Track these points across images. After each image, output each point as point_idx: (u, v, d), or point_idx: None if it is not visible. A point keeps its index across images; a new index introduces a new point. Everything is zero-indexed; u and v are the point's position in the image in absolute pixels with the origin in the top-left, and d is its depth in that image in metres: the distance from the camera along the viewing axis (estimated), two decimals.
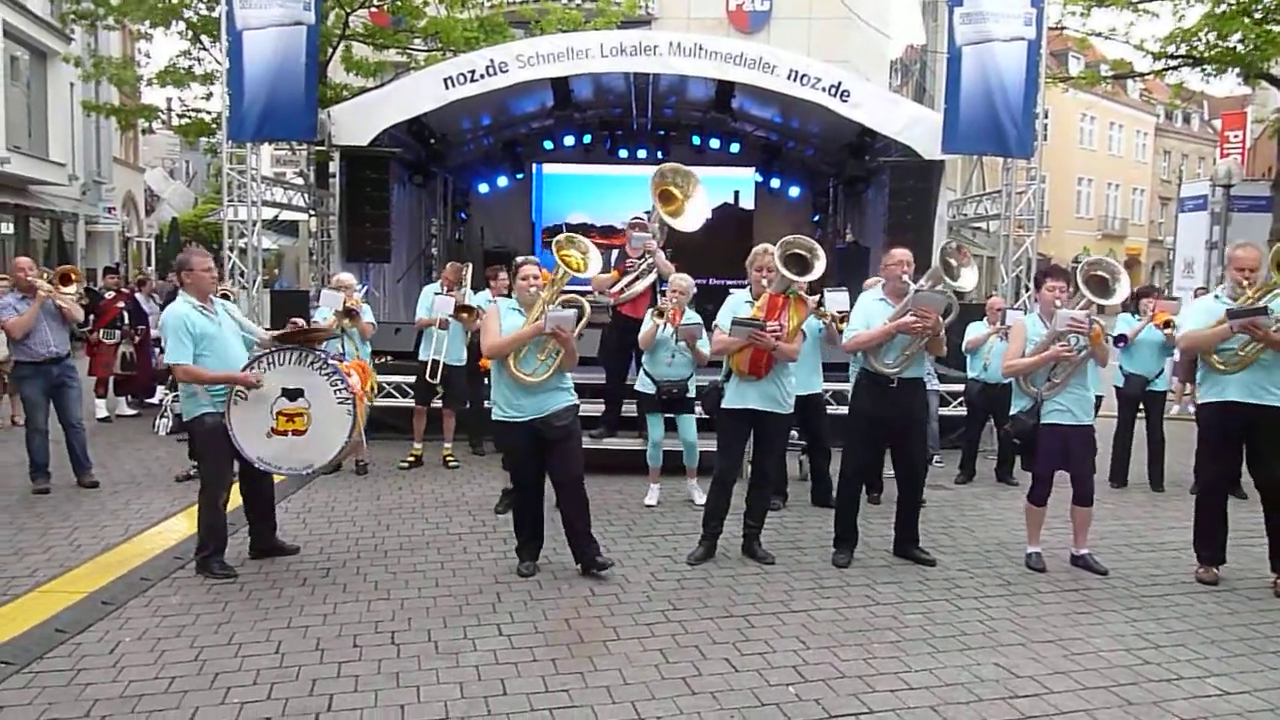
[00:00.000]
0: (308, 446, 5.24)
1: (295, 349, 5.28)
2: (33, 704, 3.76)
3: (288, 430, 5.20)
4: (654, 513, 6.88)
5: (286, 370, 5.23)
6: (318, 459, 5.30)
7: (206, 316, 5.21)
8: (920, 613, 4.91)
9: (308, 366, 5.24)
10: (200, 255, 5.38)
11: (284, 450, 5.23)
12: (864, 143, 12.14)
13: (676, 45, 10.56)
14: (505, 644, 4.41)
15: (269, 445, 5.21)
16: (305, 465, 5.32)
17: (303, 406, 5.21)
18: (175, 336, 5.09)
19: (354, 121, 10.85)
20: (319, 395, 5.22)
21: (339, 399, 5.25)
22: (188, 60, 16.27)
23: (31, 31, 21.92)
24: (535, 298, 5.24)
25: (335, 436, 5.26)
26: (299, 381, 5.22)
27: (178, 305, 5.22)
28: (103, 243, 27.97)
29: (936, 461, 8.58)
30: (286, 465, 5.29)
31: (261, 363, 5.23)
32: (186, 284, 5.30)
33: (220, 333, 5.24)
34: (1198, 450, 5.71)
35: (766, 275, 5.62)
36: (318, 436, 5.23)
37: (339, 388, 5.25)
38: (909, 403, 5.70)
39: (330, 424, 5.24)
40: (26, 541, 5.90)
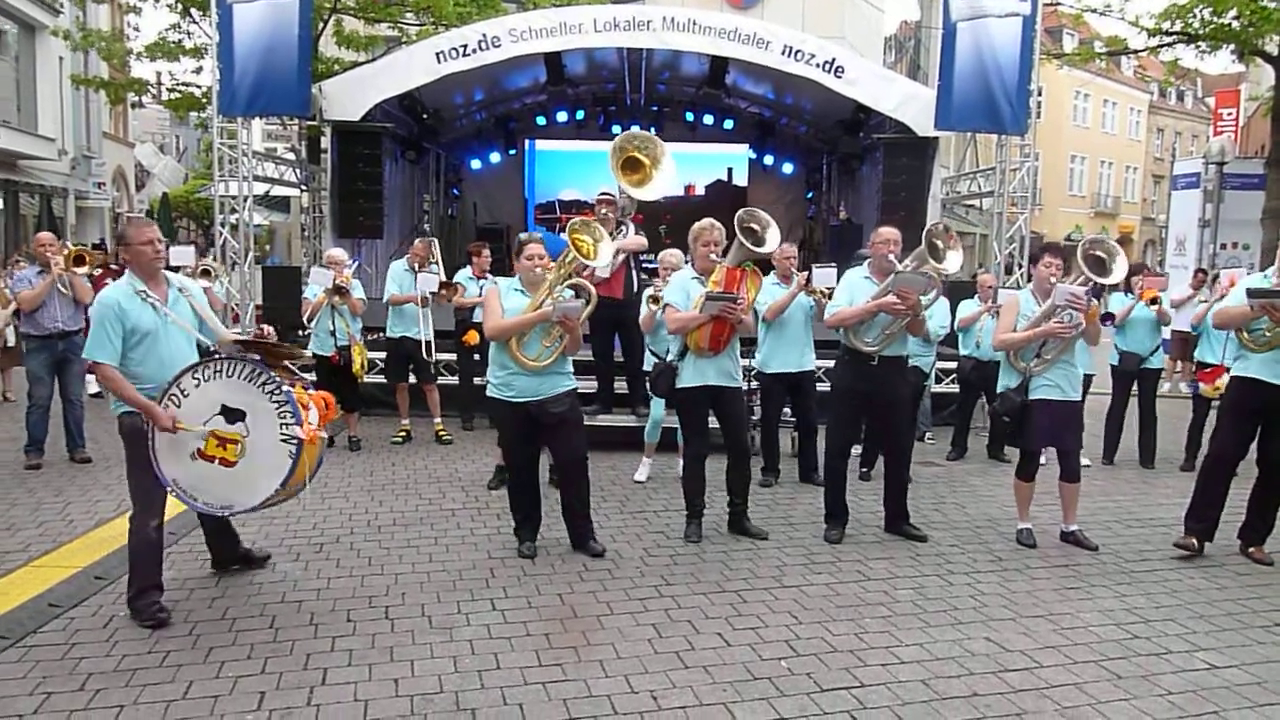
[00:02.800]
0: (232, 483, 4.24)
1: (252, 364, 4.28)
2: (27, 678, 3.77)
3: (216, 456, 4.21)
4: (646, 489, 6.90)
5: (232, 384, 4.24)
6: (241, 501, 4.29)
7: (150, 305, 4.29)
8: (912, 588, 4.94)
9: (258, 387, 4.24)
10: (139, 226, 4.40)
11: (205, 479, 4.24)
12: (858, 119, 12.12)
13: (670, 20, 10.50)
14: (499, 619, 4.42)
15: (190, 469, 4.23)
16: (224, 505, 4.31)
17: (239, 433, 4.21)
18: (101, 328, 4.17)
19: (345, 96, 10.78)
20: (261, 425, 4.23)
21: (282, 436, 4.23)
22: (177, 34, 16.14)
23: (19, 4, 21.66)
24: (539, 278, 5.19)
25: (266, 480, 4.24)
26: (245, 402, 4.23)
27: (110, 291, 4.28)
28: (93, 218, 27.78)
29: (929, 439, 8.64)
30: (202, 499, 4.28)
31: (208, 369, 4.26)
32: (127, 261, 4.42)
33: (162, 327, 4.32)
34: (1217, 420, 5.78)
35: (714, 250, 5.59)
36: (247, 474, 4.23)
37: (286, 422, 4.23)
38: (891, 380, 5.70)
39: (264, 463, 4.23)
40: (19, 516, 5.89)
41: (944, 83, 10.15)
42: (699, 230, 5.66)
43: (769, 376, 7.03)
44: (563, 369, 5.25)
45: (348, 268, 8.17)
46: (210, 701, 3.59)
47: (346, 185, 11.22)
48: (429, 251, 8.41)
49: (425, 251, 8.41)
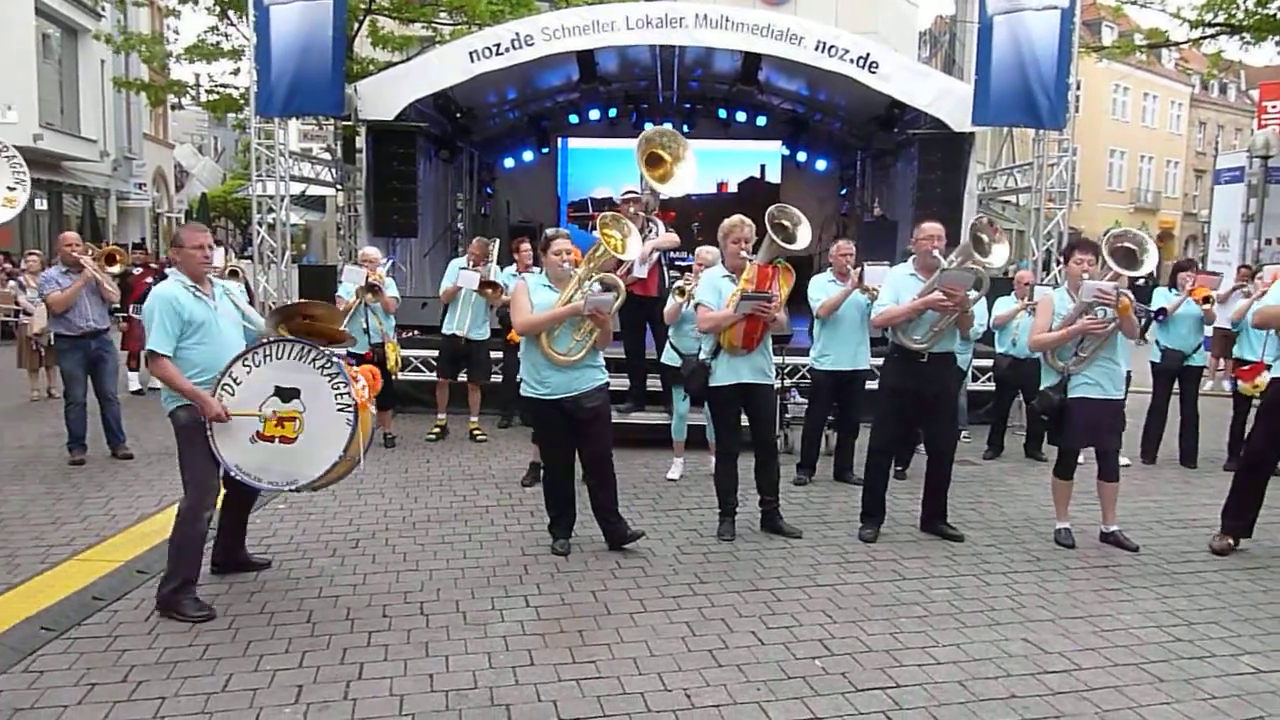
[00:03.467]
0: (296, 458, 4.42)
1: (298, 342, 4.47)
2: (72, 669, 3.85)
3: (275, 436, 4.39)
4: (679, 486, 6.89)
5: (284, 365, 4.41)
6: (304, 474, 4.44)
7: (201, 299, 4.47)
8: (947, 588, 4.90)
9: (309, 364, 4.42)
10: (193, 231, 4.64)
11: (268, 459, 4.41)
12: (893, 115, 11.99)
13: (703, 17, 10.45)
14: (532, 615, 4.44)
15: (251, 452, 4.40)
16: (289, 480, 4.46)
17: (296, 410, 4.39)
18: (160, 320, 4.31)
19: (380, 96, 10.85)
20: (316, 398, 4.41)
21: (338, 406, 4.42)
22: (215, 36, 16.35)
23: (62, 9, 22.09)
24: (567, 274, 5.20)
25: (327, 450, 4.42)
26: (296, 380, 4.40)
27: (166, 286, 4.44)
28: (134, 218, 28.29)
29: (964, 437, 8.53)
30: (268, 478, 4.45)
31: (258, 354, 4.43)
32: (177, 262, 4.56)
33: (214, 319, 4.49)
34: (1255, 420, 5.71)
35: (744, 247, 5.56)
36: (308, 447, 4.41)
37: (340, 392, 4.42)
38: (940, 377, 5.65)
39: (324, 434, 4.41)
40: (64, 511, 6.01)
41: (980, 77, 10.03)
42: (729, 227, 5.64)
43: (820, 373, 7.01)
44: (594, 363, 5.25)
45: (381, 266, 8.23)
46: (249, 694, 3.64)
47: (381, 184, 11.31)
48: (485, 251, 8.44)
49: (482, 251, 8.43)
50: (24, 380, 10.50)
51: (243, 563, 4.98)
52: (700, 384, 5.68)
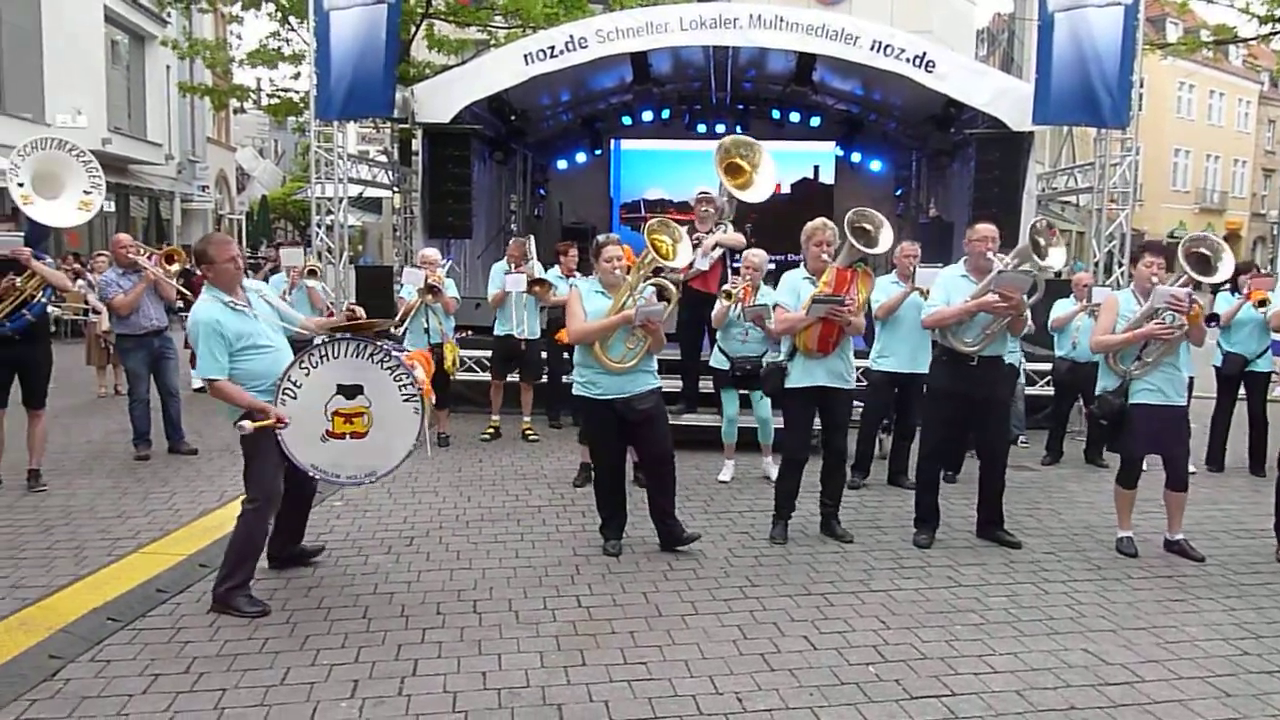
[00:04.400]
0: (369, 451, 4.55)
1: (352, 340, 4.55)
2: (136, 659, 3.95)
3: (345, 433, 4.51)
4: (730, 489, 6.87)
5: (343, 364, 4.50)
6: (381, 464, 4.60)
7: (239, 311, 4.44)
8: (1005, 595, 4.81)
9: (367, 359, 4.51)
10: (220, 245, 4.52)
11: (342, 455, 4.54)
12: (949, 115, 11.82)
13: (757, 18, 10.40)
14: (584, 615, 4.46)
15: (324, 450, 4.52)
16: (367, 472, 4.62)
17: (362, 405, 4.50)
18: (206, 346, 4.30)
19: (436, 99, 10.98)
20: (381, 392, 4.52)
21: (404, 395, 4.53)
22: (277, 41, 16.68)
23: (130, 16, 22.74)
24: (618, 280, 5.22)
25: (401, 439, 4.56)
26: (357, 377, 4.51)
27: (204, 307, 4.39)
28: (197, 220, 28.99)
29: (1022, 442, 8.39)
30: (345, 473, 4.61)
31: (314, 356, 4.50)
32: (210, 279, 4.47)
33: (256, 325, 4.49)
34: None
35: (826, 250, 5.51)
36: (380, 439, 4.54)
37: (404, 382, 4.53)
38: (990, 380, 5.55)
39: (395, 424, 4.54)
40: (129, 505, 6.18)
41: (1041, 75, 9.83)
42: (811, 230, 5.60)
43: (878, 373, 6.94)
44: (647, 368, 5.26)
45: (440, 267, 8.33)
46: (306, 688, 3.71)
47: (436, 186, 11.44)
48: (523, 251, 8.51)
49: (520, 251, 8.51)
50: (92, 377, 10.83)
51: (297, 556, 5.07)
52: (776, 385, 5.65)
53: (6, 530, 5.58)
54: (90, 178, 6.74)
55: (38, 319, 6.44)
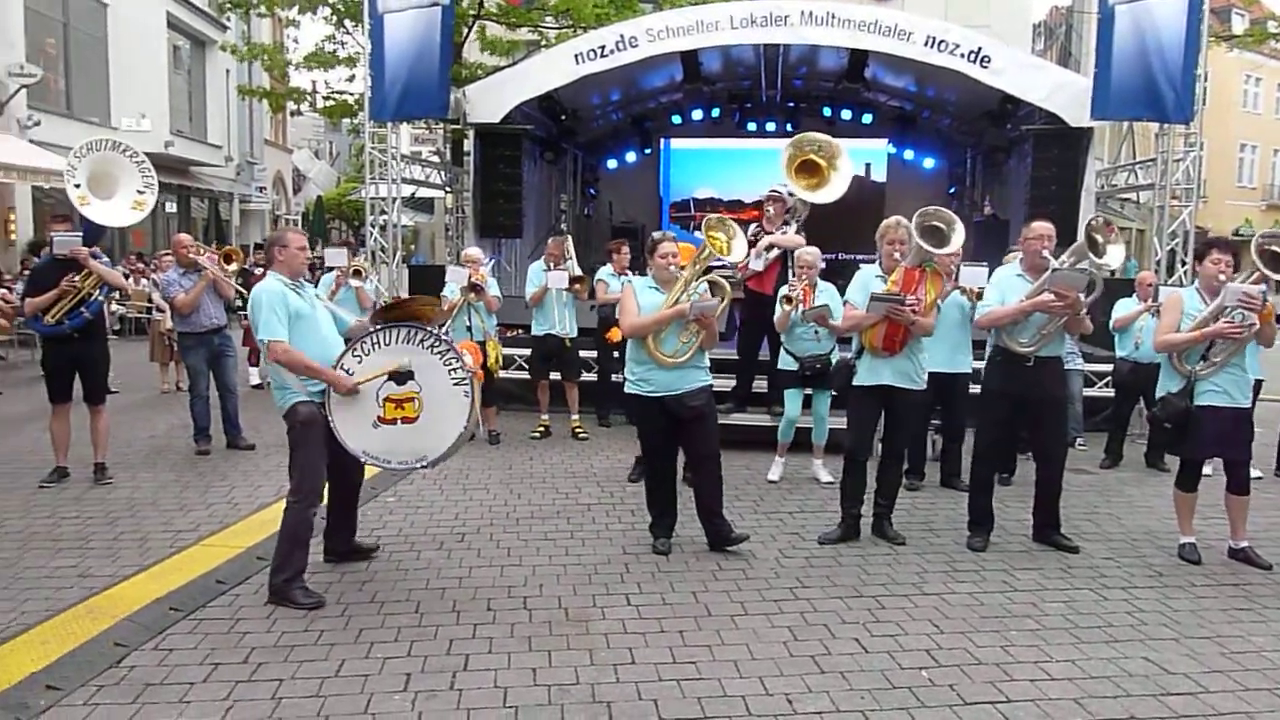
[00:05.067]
0: (421, 435, 4.55)
1: (403, 326, 4.59)
2: (197, 648, 4.05)
3: (397, 418, 4.52)
4: (780, 489, 6.83)
5: (394, 350, 4.53)
6: (432, 449, 4.59)
7: (300, 295, 4.62)
8: (1062, 601, 4.71)
9: (418, 345, 4.53)
10: (296, 233, 4.86)
11: (393, 441, 4.55)
12: (1005, 110, 11.60)
13: (808, 14, 10.33)
14: (633, 614, 4.46)
15: (376, 436, 4.54)
16: (418, 457, 4.62)
17: (413, 390, 4.52)
18: (270, 311, 4.42)
19: (488, 99, 11.08)
20: (431, 377, 4.53)
21: (454, 380, 4.54)
22: (332, 44, 16.96)
23: (192, 21, 23.30)
24: (673, 276, 5.23)
25: (452, 423, 4.55)
26: (409, 362, 4.55)
27: (268, 283, 4.56)
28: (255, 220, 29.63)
29: (1080, 444, 8.21)
30: (397, 458, 4.62)
31: (365, 343, 4.54)
32: (280, 261, 4.67)
33: (314, 314, 4.64)
34: None
35: (899, 249, 5.46)
36: (432, 423, 4.54)
37: (454, 366, 4.54)
38: (1046, 381, 5.42)
39: (445, 409, 4.54)
40: (190, 498, 6.33)
41: (1100, 70, 9.62)
42: (884, 228, 5.57)
43: None
44: (699, 364, 5.26)
45: (483, 266, 8.40)
46: (361, 680, 3.76)
47: (487, 186, 11.55)
48: (562, 250, 8.56)
49: (559, 250, 8.56)
50: (155, 373, 11.11)
51: (353, 551, 5.15)
52: (843, 382, 5.64)
53: (75, 521, 5.76)
54: (143, 177, 6.91)
55: (95, 317, 6.62)
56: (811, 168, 7.25)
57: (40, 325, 6.53)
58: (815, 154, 6.98)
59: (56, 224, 6.97)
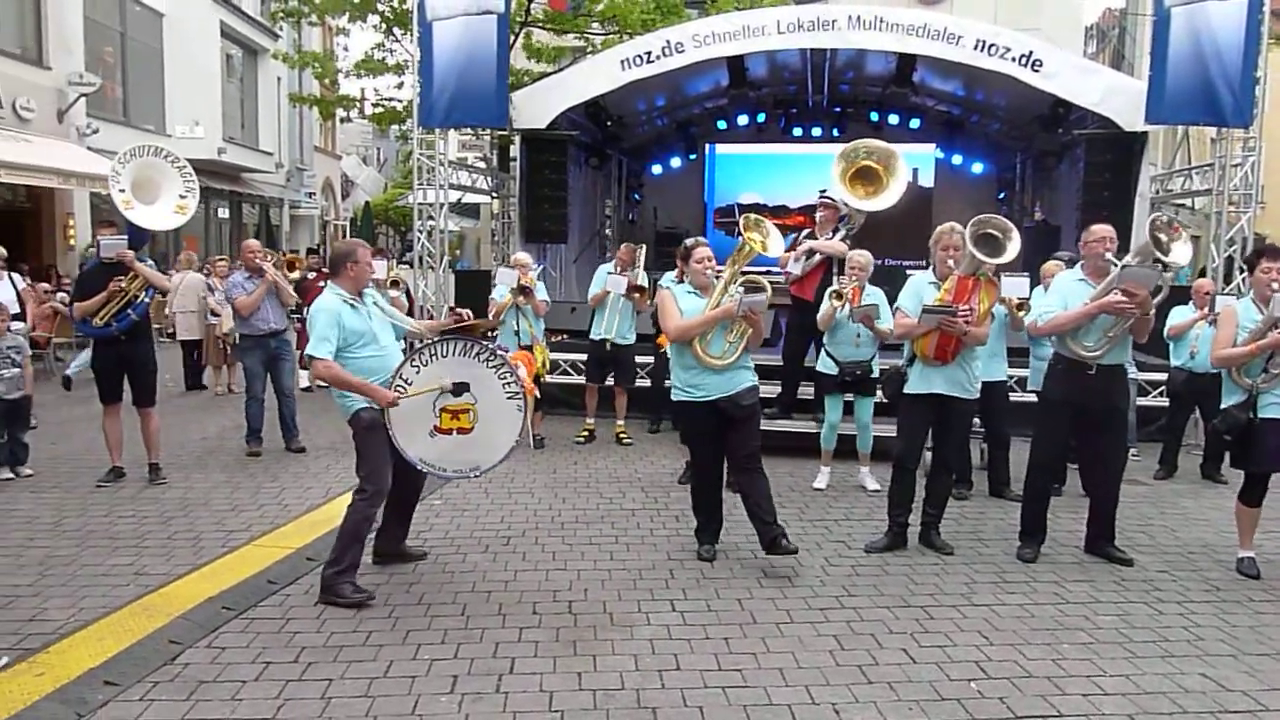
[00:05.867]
0: (475, 446, 4.72)
1: (459, 340, 4.73)
2: (249, 647, 4.12)
3: (453, 429, 4.67)
4: (825, 496, 6.78)
5: (451, 362, 4.67)
6: (485, 460, 4.77)
7: (356, 311, 4.71)
8: (1115, 614, 4.62)
9: (473, 358, 4.68)
10: (365, 247, 4.96)
11: (448, 450, 4.72)
12: (1057, 115, 11.42)
13: (856, 19, 10.26)
14: (678, 620, 4.46)
15: (432, 445, 4.70)
16: (471, 467, 4.80)
17: (469, 402, 4.66)
18: (323, 327, 4.55)
19: (534, 106, 11.15)
20: (486, 389, 4.67)
21: (508, 393, 4.68)
22: (381, 51, 17.19)
23: (245, 30, 23.76)
24: (710, 280, 5.23)
25: (504, 435, 4.72)
26: (464, 374, 4.67)
27: (329, 299, 4.67)
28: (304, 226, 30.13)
29: (1133, 455, 8.02)
30: (452, 467, 4.78)
31: (424, 355, 4.68)
32: (348, 276, 4.75)
33: (371, 325, 4.74)
34: None
35: (953, 255, 5.39)
36: (485, 435, 4.71)
37: (508, 380, 4.68)
38: (1108, 390, 5.31)
39: (499, 421, 4.69)
40: (242, 499, 6.44)
41: (1155, 73, 9.43)
42: (938, 234, 5.53)
43: None
44: (746, 364, 5.25)
45: (532, 270, 8.45)
46: (408, 681, 3.80)
47: (533, 191, 11.63)
48: (633, 256, 8.56)
49: (630, 256, 8.55)
50: (209, 376, 11.33)
51: (402, 554, 5.21)
52: (894, 390, 5.58)
53: (130, 520, 5.89)
54: (185, 182, 7.06)
55: (141, 318, 6.77)
56: (867, 174, 7.15)
57: (89, 328, 6.71)
58: (870, 160, 6.88)
59: (103, 229, 7.16)
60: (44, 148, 14.57)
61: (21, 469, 6.92)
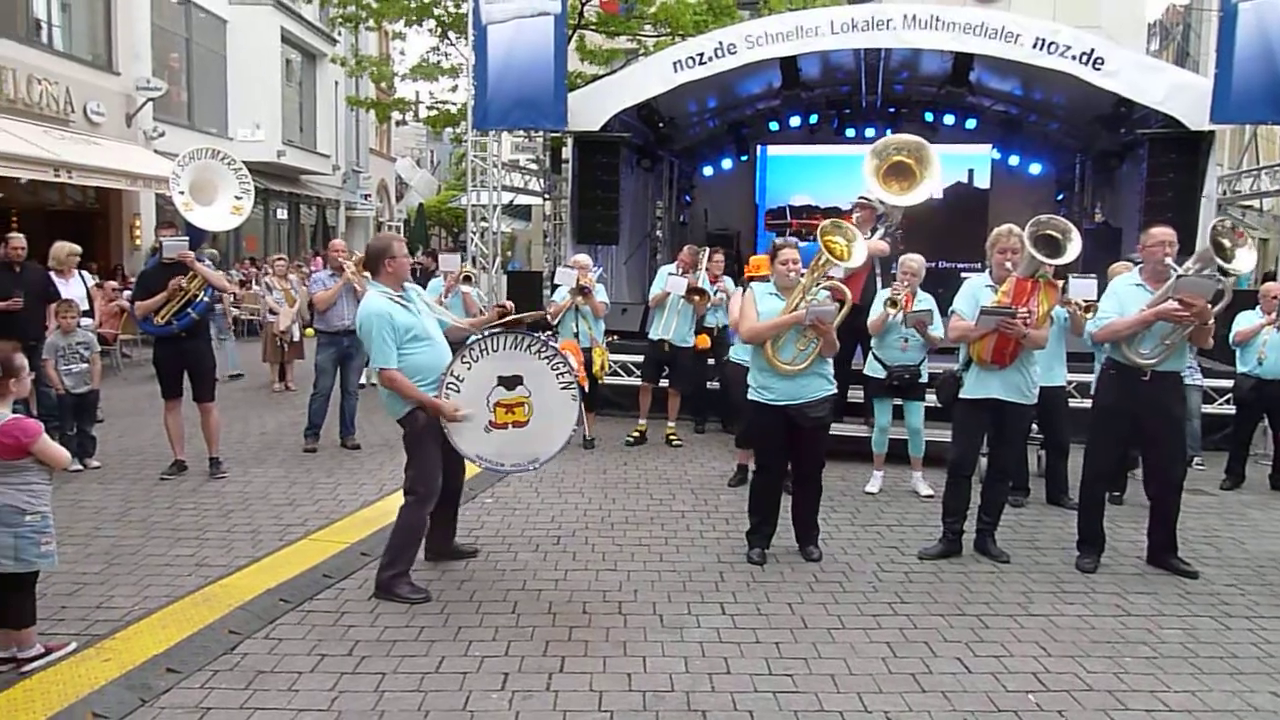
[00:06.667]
0: (531, 439, 4.70)
1: (509, 333, 4.73)
2: (305, 639, 4.19)
3: (508, 423, 4.66)
4: (878, 501, 6.70)
5: (501, 357, 4.65)
6: (543, 451, 4.76)
7: (404, 306, 4.68)
8: (1180, 628, 4.49)
9: (524, 350, 4.66)
10: (400, 240, 4.96)
11: (505, 445, 4.70)
12: (1119, 114, 11.16)
13: (911, 18, 10.13)
14: (728, 623, 4.44)
15: (489, 441, 4.68)
16: (530, 459, 4.79)
17: (523, 395, 4.65)
18: (380, 337, 4.52)
19: (587, 108, 11.19)
20: (540, 381, 4.66)
21: (562, 384, 4.67)
22: (436, 55, 17.40)
23: (304, 36, 24.21)
24: (794, 282, 5.20)
25: (561, 425, 4.71)
26: (516, 368, 4.65)
27: (375, 301, 4.61)
28: (359, 227, 30.57)
29: (1197, 464, 7.82)
30: (510, 461, 4.78)
31: (474, 350, 4.67)
32: (388, 273, 4.71)
33: (420, 320, 4.70)
34: None
35: (1010, 258, 5.29)
36: (541, 427, 4.69)
37: (561, 370, 4.67)
38: (1163, 398, 5.17)
39: (555, 412, 4.68)
40: (298, 494, 6.55)
41: (1221, 70, 9.19)
42: (995, 236, 5.44)
43: None
44: (822, 371, 5.19)
45: (592, 272, 8.48)
46: (460, 677, 3.84)
47: (585, 193, 11.67)
48: (695, 258, 8.56)
49: (691, 258, 8.57)
50: (267, 372, 11.56)
51: (453, 551, 5.26)
52: (949, 395, 5.51)
53: (192, 512, 6.03)
54: (240, 184, 7.22)
55: (201, 317, 6.93)
56: (901, 170, 7.06)
57: (150, 326, 6.88)
58: (901, 155, 6.80)
59: (164, 230, 7.34)
60: (113, 151, 14.99)
61: (89, 461, 7.13)
